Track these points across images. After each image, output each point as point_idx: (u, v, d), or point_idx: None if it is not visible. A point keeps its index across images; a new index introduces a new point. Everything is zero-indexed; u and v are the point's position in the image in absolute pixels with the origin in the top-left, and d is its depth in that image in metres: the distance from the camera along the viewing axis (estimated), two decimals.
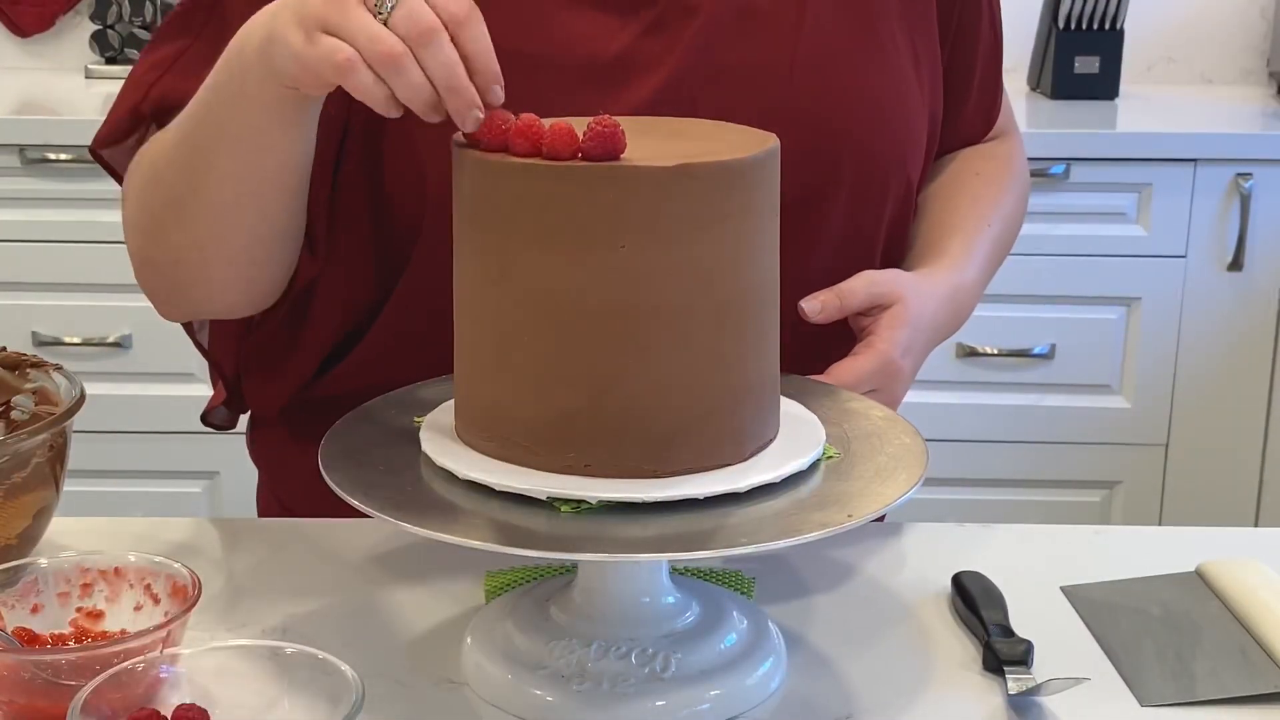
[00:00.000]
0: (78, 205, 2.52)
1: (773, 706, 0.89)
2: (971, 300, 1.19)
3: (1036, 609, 0.99)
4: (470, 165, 0.85)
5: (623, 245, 0.81)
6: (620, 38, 1.07)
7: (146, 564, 0.89)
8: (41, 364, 1.06)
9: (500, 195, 0.83)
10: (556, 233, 0.82)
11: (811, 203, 1.10)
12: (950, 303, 1.15)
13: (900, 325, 1.08)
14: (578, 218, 0.81)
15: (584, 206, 0.81)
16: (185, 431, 2.52)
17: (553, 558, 0.81)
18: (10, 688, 0.79)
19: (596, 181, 0.81)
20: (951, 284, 1.16)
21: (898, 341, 1.08)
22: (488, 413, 0.87)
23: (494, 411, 0.86)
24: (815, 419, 0.93)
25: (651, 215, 0.81)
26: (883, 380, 1.05)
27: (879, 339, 1.08)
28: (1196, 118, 2.78)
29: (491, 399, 0.87)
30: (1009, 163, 1.30)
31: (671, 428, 0.84)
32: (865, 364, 1.06)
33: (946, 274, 1.16)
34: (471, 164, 0.85)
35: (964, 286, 1.17)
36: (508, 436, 0.86)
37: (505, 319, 0.85)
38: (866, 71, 1.13)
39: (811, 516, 0.82)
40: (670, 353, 0.83)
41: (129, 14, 2.97)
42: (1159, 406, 2.62)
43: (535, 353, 0.84)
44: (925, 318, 1.11)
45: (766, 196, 0.86)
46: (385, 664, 0.92)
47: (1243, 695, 0.90)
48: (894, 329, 1.08)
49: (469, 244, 0.86)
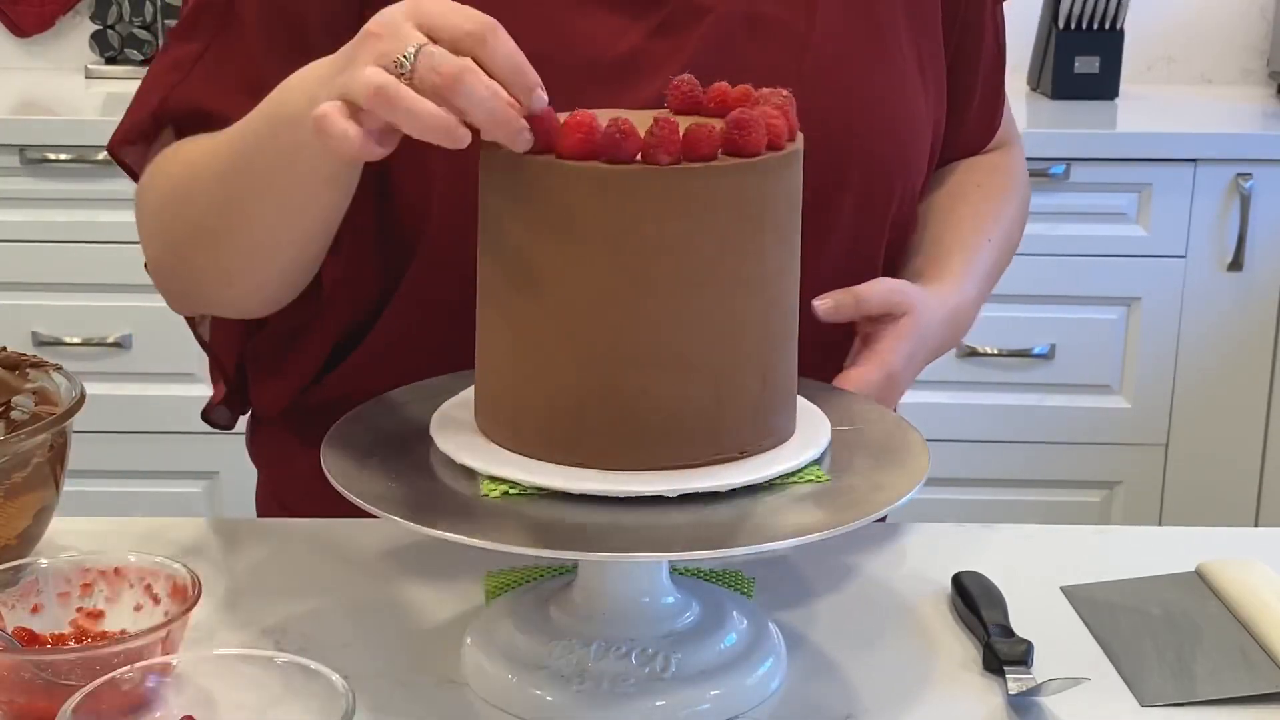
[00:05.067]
0: (78, 205, 2.52)
1: (773, 706, 0.89)
2: (969, 318, 1.20)
3: (1036, 609, 0.99)
4: (501, 165, 0.85)
5: (656, 244, 0.81)
6: (628, 38, 1.07)
7: (146, 564, 0.89)
8: (41, 364, 1.06)
9: (534, 195, 0.83)
10: (587, 231, 0.82)
11: (818, 206, 1.10)
12: (950, 323, 1.16)
13: (907, 337, 1.08)
14: (607, 217, 0.81)
15: (615, 206, 0.81)
16: (185, 431, 2.52)
17: (553, 556, 0.81)
18: (10, 688, 0.79)
19: (629, 182, 0.81)
20: (953, 303, 1.16)
21: (902, 352, 1.08)
22: (503, 405, 0.87)
23: (509, 404, 0.87)
24: (824, 416, 0.93)
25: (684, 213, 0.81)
26: (884, 391, 1.05)
27: (886, 349, 1.07)
28: (1196, 118, 2.78)
29: (507, 392, 0.87)
30: (1010, 175, 1.30)
31: (690, 423, 0.84)
32: (873, 374, 1.06)
33: (950, 293, 1.16)
34: (502, 163, 0.85)
35: (964, 305, 1.18)
36: (523, 429, 0.86)
37: (528, 315, 0.85)
38: (874, 77, 1.13)
39: (812, 516, 0.82)
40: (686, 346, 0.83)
41: (129, 14, 2.97)
42: (1159, 406, 2.62)
43: (554, 347, 0.84)
44: (930, 334, 1.11)
45: (791, 195, 0.87)
46: (385, 664, 0.92)
47: (1243, 695, 0.90)
48: (901, 340, 1.08)
49: (495, 240, 0.86)
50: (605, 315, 0.83)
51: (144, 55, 2.96)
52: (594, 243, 0.82)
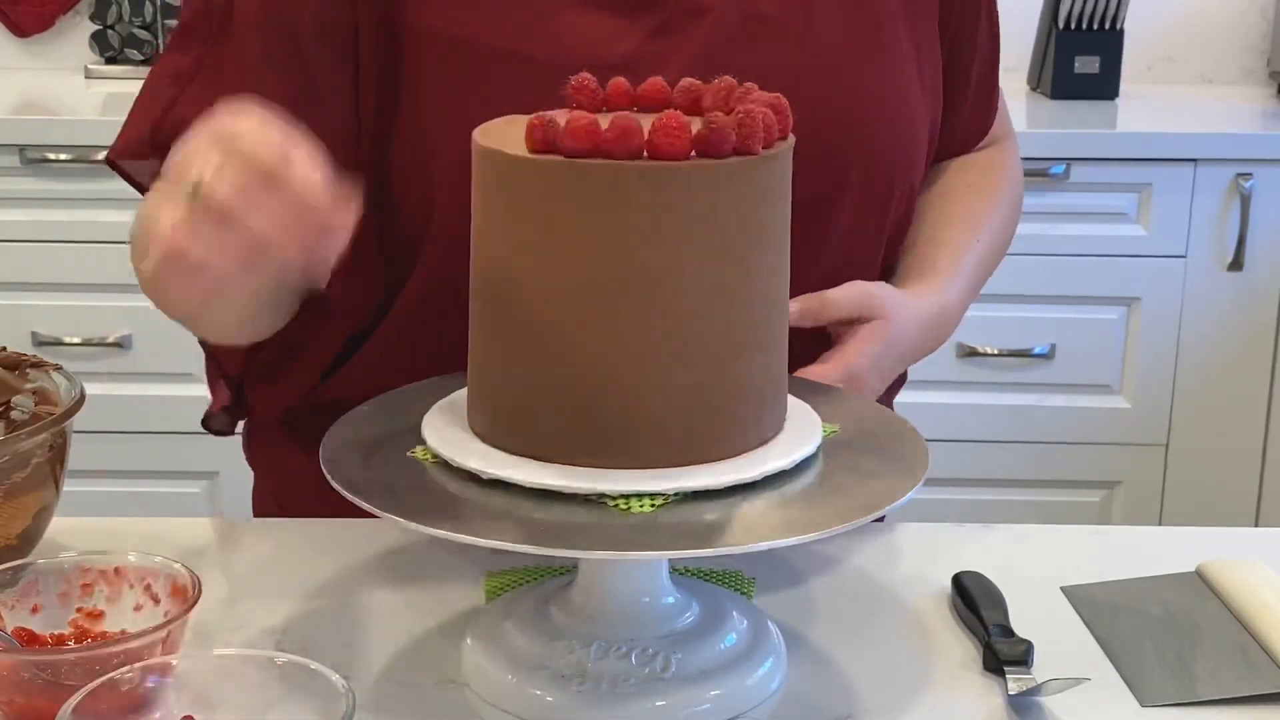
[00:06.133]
0: (78, 205, 2.52)
1: (773, 706, 0.89)
2: (954, 321, 1.20)
3: (1036, 609, 0.99)
4: (490, 161, 0.85)
5: (647, 239, 0.81)
6: (626, 40, 1.07)
7: (146, 564, 0.89)
8: (41, 364, 1.06)
9: (526, 191, 0.83)
10: (577, 226, 0.82)
11: (818, 205, 1.10)
12: (932, 326, 1.16)
13: (875, 341, 1.09)
14: (601, 212, 0.81)
15: (608, 202, 0.81)
16: (185, 432, 2.51)
17: (552, 555, 0.81)
18: (10, 688, 0.79)
19: (623, 178, 0.81)
20: (937, 307, 1.17)
21: (868, 355, 1.08)
22: (494, 403, 0.87)
23: (499, 402, 0.87)
24: (813, 412, 0.93)
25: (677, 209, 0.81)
26: (846, 391, 1.05)
27: (850, 350, 1.08)
28: (1196, 118, 2.78)
29: (498, 391, 0.87)
30: (1003, 173, 1.30)
31: (679, 420, 0.84)
32: (830, 372, 1.06)
33: (934, 295, 1.17)
34: (491, 159, 0.85)
35: (948, 308, 1.18)
36: (513, 427, 0.86)
37: (518, 313, 0.85)
38: (872, 75, 1.13)
39: (811, 516, 0.82)
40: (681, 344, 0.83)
41: (129, 14, 2.97)
42: (1159, 406, 2.62)
43: (545, 343, 0.84)
44: (903, 339, 1.12)
45: (781, 194, 0.87)
46: (385, 664, 0.93)
47: (1243, 695, 0.90)
48: (868, 343, 1.08)
49: (487, 236, 0.86)
50: (596, 314, 0.83)
51: (144, 55, 2.96)
52: (581, 241, 0.82)
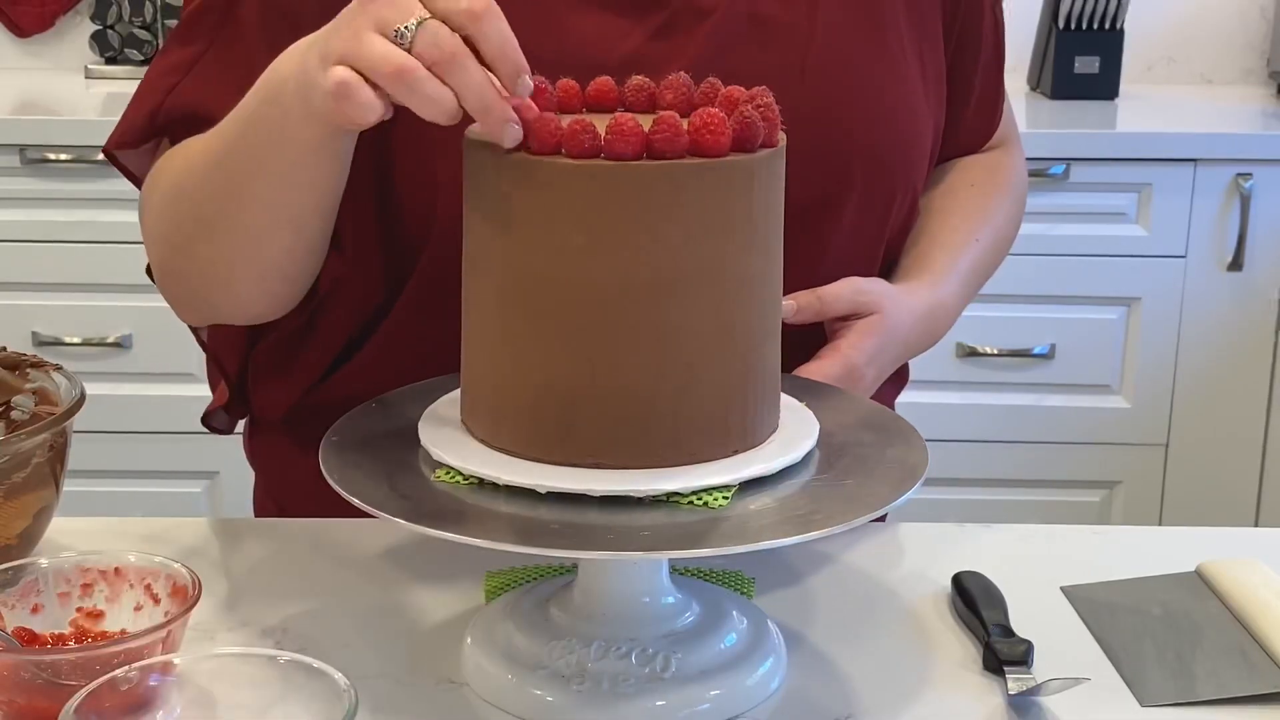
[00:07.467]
0: (78, 205, 2.52)
1: (773, 706, 0.89)
2: (949, 318, 1.20)
3: (1036, 609, 0.99)
4: (482, 159, 0.85)
5: (641, 239, 0.81)
6: (630, 40, 1.07)
7: (146, 564, 0.88)
8: (41, 364, 1.06)
9: (521, 190, 0.83)
10: (571, 226, 0.82)
11: (821, 206, 1.10)
12: (927, 320, 1.16)
13: (872, 335, 1.09)
14: (595, 212, 0.81)
15: (604, 202, 0.81)
16: (185, 431, 2.51)
17: (552, 555, 0.81)
18: (10, 688, 0.79)
19: (619, 178, 0.81)
20: (931, 302, 1.17)
21: (865, 349, 1.09)
22: (492, 404, 0.87)
23: (497, 402, 0.87)
24: (809, 410, 0.93)
25: (670, 210, 0.81)
26: (844, 386, 1.05)
27: (847, 344, 1.09)
28: (1196, 118, 2.78)
29: (495, 390, 0.87)
30: (1006, 174, 1.30)
31: (675, 420, 0.84)
32: (829, 368, 1.06)
33: (929, 291, 1.17)
34: (483, 158, 0.84)
35: (943, 304, 1.18)
36: (511, 428, 0.86)
37: (512, 309, 0.85)
38: (876, 77, 1.13)
39: (811, 516, 0.82)
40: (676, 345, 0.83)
41: (129, 14, 2.97)
42: (1159, 406, 2.62)
43: (540, 343, 0.84)
44: (899, 333, 1.12)
45: (774, 194, 0.87)
46: (385, 664, 0.93)
47: (1243, 695, 0.90)
48: (865, 337, 1.09)
49: (479, 234, 0.86)
50: (589, 314, 0.82)
51: (144, 55, 2.97)
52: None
